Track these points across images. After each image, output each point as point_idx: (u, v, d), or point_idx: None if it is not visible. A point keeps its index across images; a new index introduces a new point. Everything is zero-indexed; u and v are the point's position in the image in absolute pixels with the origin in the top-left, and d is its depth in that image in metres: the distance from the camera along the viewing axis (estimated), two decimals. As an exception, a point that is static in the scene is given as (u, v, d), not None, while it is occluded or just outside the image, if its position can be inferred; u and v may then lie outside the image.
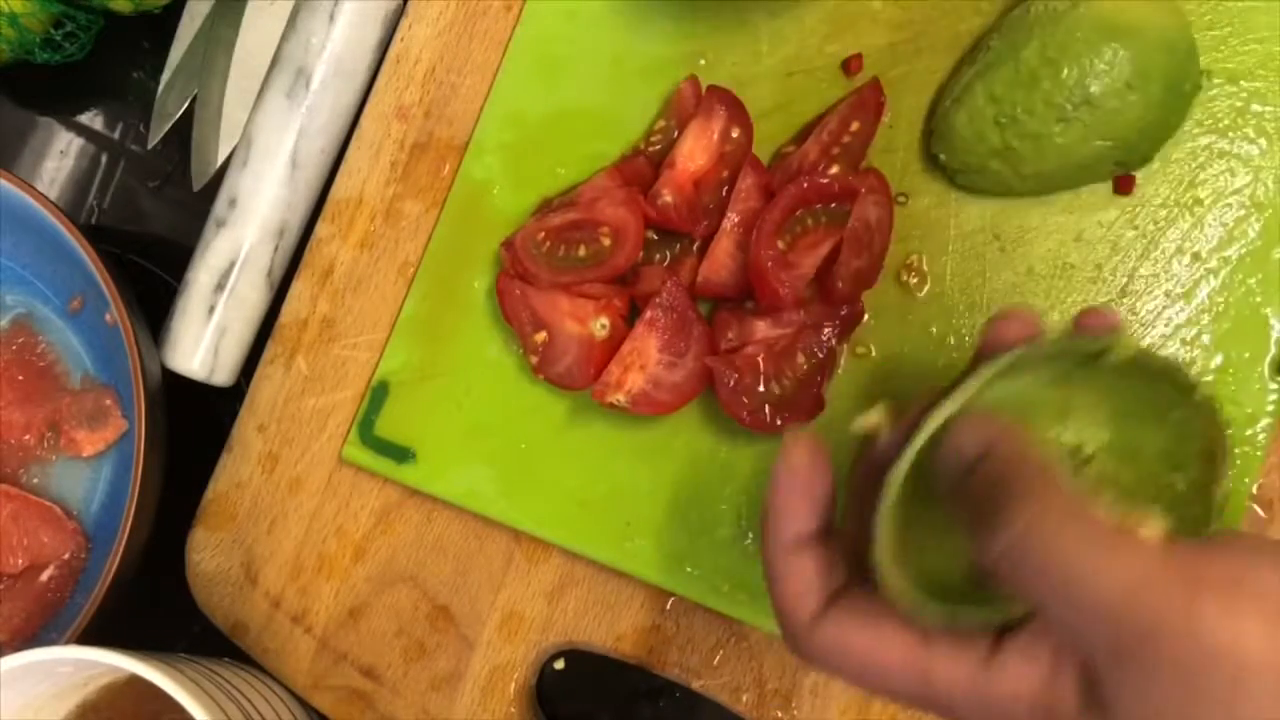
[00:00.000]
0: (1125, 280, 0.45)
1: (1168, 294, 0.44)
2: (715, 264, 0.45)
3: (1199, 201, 0.45)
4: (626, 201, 0.45)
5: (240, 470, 0.50)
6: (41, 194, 0.46)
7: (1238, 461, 0.43)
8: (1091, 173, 0.44)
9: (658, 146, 0.47)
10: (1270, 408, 0.43)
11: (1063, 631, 0.29)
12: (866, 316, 0.46)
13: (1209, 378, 0.44)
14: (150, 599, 0.48)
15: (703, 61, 0.48)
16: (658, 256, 0.47)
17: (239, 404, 0.50)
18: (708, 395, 0.45)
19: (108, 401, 0.50)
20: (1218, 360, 0.44)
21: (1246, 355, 0.44)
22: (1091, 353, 0.32)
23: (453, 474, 0.47)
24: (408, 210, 0.50)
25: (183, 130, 0.56)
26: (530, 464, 0.47)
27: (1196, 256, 0.44)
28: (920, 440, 0.31)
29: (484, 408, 0.48)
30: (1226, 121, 0.45)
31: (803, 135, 0.47)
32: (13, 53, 0.53)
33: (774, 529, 0.33)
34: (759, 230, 0.43)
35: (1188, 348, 0.44)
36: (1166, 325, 0.44)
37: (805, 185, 0.44)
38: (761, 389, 0.44)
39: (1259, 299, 0.44)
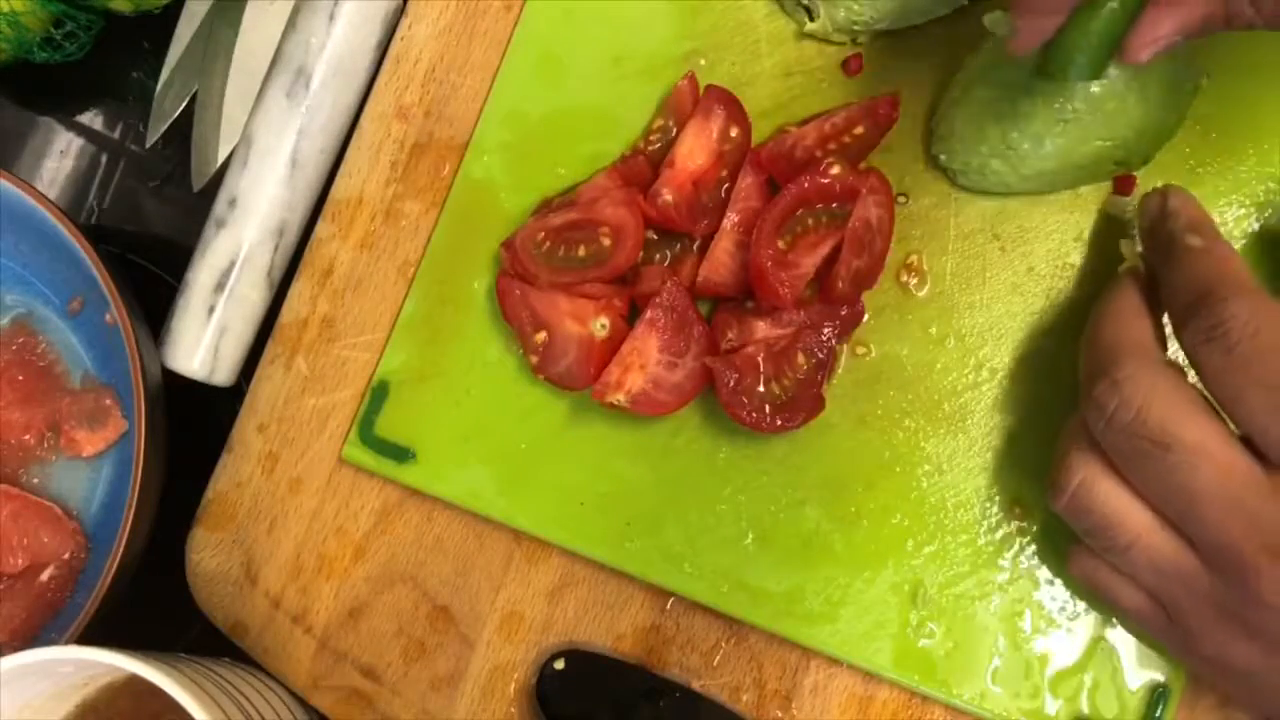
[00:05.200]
0: (1125, 280, 0.45)
1: (1168, 294, 0.44)
2: (715, 264, 0.45)
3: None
4: (626, 201, 0.45)
5: (240, 470, 0.50)
6: (41, 194, 0.46)
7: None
8: (1091, 173, 0.44)
9: (656, 146, 0.47)
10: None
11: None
12: (866, 316, 0.46)
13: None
14: (150, 599, 0.48)
15: (702, 61, 0.48)
16: (658, 256, 0.47)
17: (239, 404, 0.50)
18: (708, 395, 0.45)
19: (108, 401, 0.50)
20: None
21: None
22: None
23: (453, 474, 0.47)
24: (408, 210, 0.50)
25: (183, 130, 0.56)
26: (530, 464, 0.47)
27: (1196, 256, 0.44)
28: None
29: (484, 408, 0.48)
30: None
31: (803, 135, 0.47)
32: (13, 52, 0.53)
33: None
34: (759, 230, 0.43)
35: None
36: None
37: (806, 185, 0.44)
38: (761, 389, 0.44)
39: (1259, 299, 0.44)
